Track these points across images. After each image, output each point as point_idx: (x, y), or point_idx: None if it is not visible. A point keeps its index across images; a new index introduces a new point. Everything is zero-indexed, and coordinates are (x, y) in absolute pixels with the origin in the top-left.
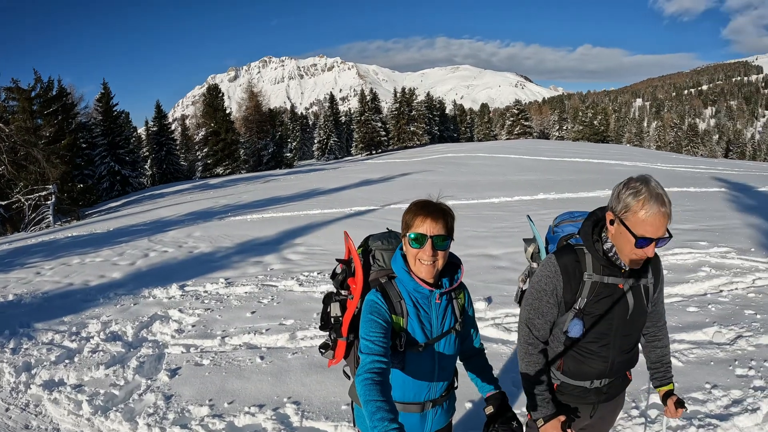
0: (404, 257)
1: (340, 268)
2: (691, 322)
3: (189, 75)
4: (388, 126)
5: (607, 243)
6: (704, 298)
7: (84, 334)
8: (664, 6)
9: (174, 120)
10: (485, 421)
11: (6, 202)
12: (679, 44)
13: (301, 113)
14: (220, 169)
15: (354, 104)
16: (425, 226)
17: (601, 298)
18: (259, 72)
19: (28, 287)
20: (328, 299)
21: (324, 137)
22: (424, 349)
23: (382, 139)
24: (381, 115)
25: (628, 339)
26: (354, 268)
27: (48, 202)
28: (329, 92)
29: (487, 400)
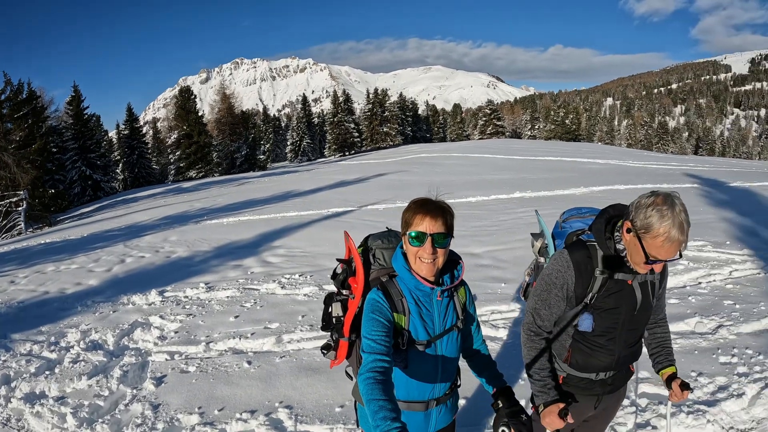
0: (405, 255)
1: (340, 268)
2: (674, 313)
3: (160, 77)
4: (361, 127)
5: (620, 244)
6: (684, 290)
7: (63, 344)
8: (634, 7)
9: (145, 123)
10: (494, 417)
11: None
12: (649, 44)
13: (273, 115)
14: (193, 173)
15: (326, 105)
16: (425, 224)
17: (611, 294)
18: (231, 74)
19: (2, 296)
20: (329, 299)
21: (297, 139)
22: (427, 347)
23: (355, 140)
24: (354, 116)
25: (634, 333)
26: (355, 267)
27: (19, 209)
28: (302, 94)
29: (494, 396)
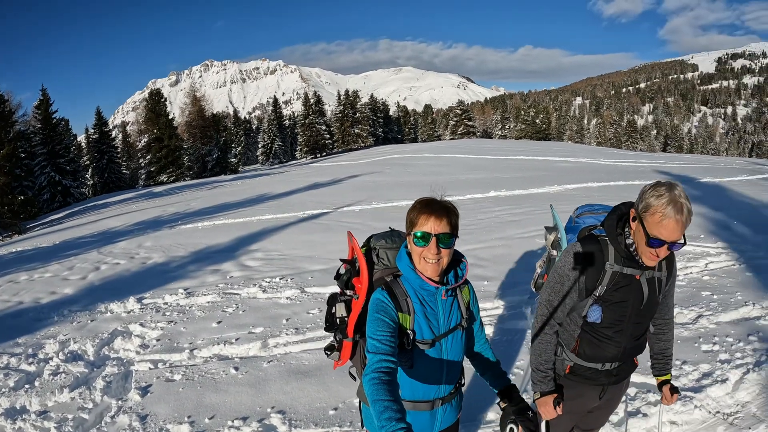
0: (409, 255)
1: (344, 269)
2: None
3: (129, 80)
4: (332, 129)
5: (630, 238)
6: None
7: (42, 356)
8: (603, 8)
9: (114, 127)
10: (501, 415)
11: None
12: (617, 44)
13: (244, 117)
14: (164, 177)
15: (297, 108)
16: (429, 224)
17: (620, 288)
18: (201, 76)
19: None
20: (332, 300)
21: (268, 141)
22: (431, 346)
23: (326, 142)
24: (325, 118)
25: (640, 326)
26: (359, 267)
27: None
28: (272, 96)
29: (499, 394)
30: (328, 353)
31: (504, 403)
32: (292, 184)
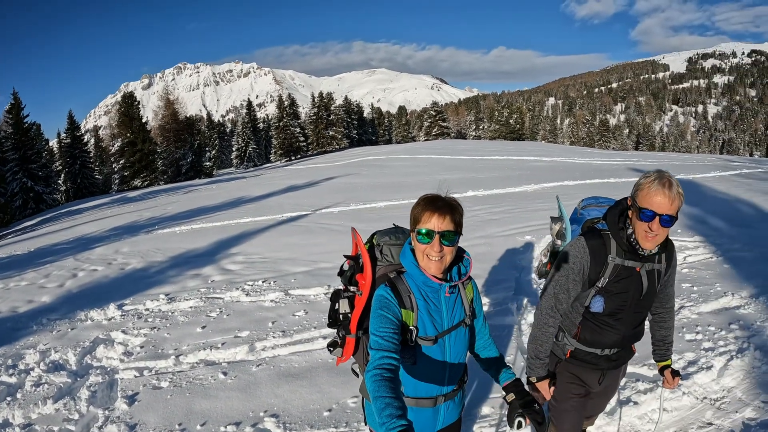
0: (413, 252)
1: (347, 265)
2: None
3: (101, 83)
4: (306, 131)
5: (630, 230)
6: None
7: (22, 367)
8: (575, 9)
9: (87, 131)
10: (508, 408)
11: None
12: (589, 45)
13: (218, 121)
14: (138, 182)
15: (271, 110)
16: (433, 222)
17: (621, 279)
18: (174, 79)
19: None
20: (336, 296)
21: (242, 145)
22: (435, 343)
23: (301, 144)
24: (299, 121)
25: (638, 316)
26: (362, 263)
27: None
28: (246, 99)
29: (505, 389)
30: (331, 349)
31: (510, 397)
32: (269, 187)
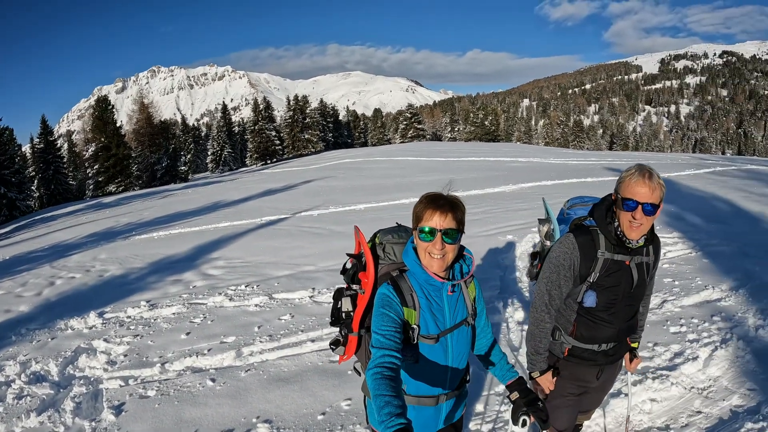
0: (415, 250)
1: (350, 263)
2: None
3: (74, 87)
4: (282, 134)
5: (616, 223)
6: None
7: (2, 379)
8: (549, 12)
9: (60, 136)
10: (512, 407)
11: None
12: (563, 47)
13: (192, 125)
14: (112, 187)
15: (246, 114)
16: (435, 220)
17: (611, 273)
18: (148, 82)
19: None
20: (338, 294)
21: (218, 149)
22: (437, 341)
23: (276, 148)
24: (275, 124)
25: (631, 308)
26: (365, 262)
27: None
28: (221, 102)
29: (509, 388)
30: (334, 348)
31: (515, 395)
32: (246, 191)
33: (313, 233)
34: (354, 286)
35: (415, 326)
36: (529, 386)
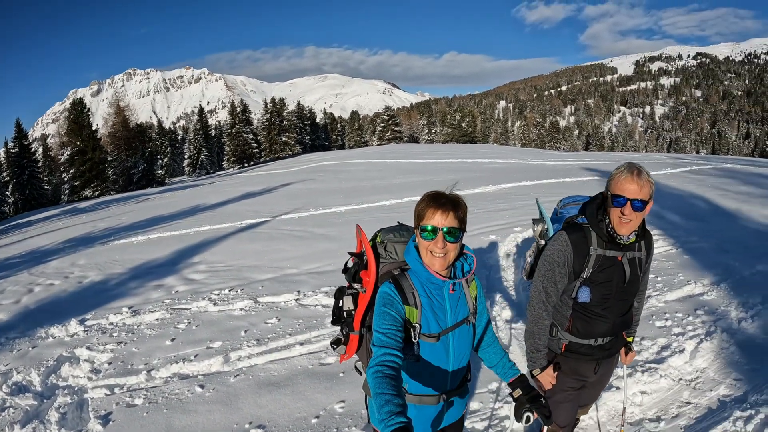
0: (417, 249)
1: (351, 262)
2: None
3: (48, 90)
4: (259, 137)
5: (607, 220)
6: None
7: None
8: (525, 15)
9: (35, 140)
10: (515, 404)
11: None
12: (539, 49)
13: (169, 128)
14: (88, 191)
15: (222, 117)
16: (437, 218)
17: (604, 269)
18: (123, 85)
19: None
20: (340, 293)
21: (194, 152)
22: (438, 340)
23: (254, 151)
24: (252, 127)
25: (625, 303)
26: (366, 260)
27: None
28: (197, 105)
29: (511, 385)
30: (335, 347)
31: (517, 393)
32: (224, 194)
33: (295, 236)
34: (355, 285)
35: (416, 325)
36: (531, 383)
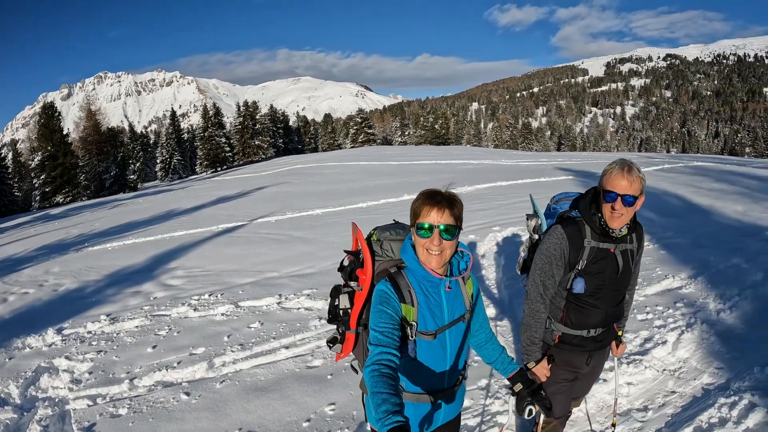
0: (414, 247)
1: (347, 260)
2: None
3: (18, 94)
4: (232, 141)
5: (600, 213)
6: None
7: None
8: (497, 17)
9: (4, 145)
10: (516, 398)
11: None
12: (511, 52)
13: (141, 132)
14: (60, 198)
15: (195, 120)
16: (433, 216)
17: (598, 260)
18: (95, 89)
19: None
20: (336, 292)
21: (167, 156)
22: (435, 337)
23: (227, 155)
24: (225, 131)
25: (617, 294)
26: (363, 258)
27: None
28: (169, 109)
29: (511, 380)
30: (331, 345)
31: (518, 387)
32: (199, 198)
33: (273, 239)
34: (352, 283)
35: (413, 323)
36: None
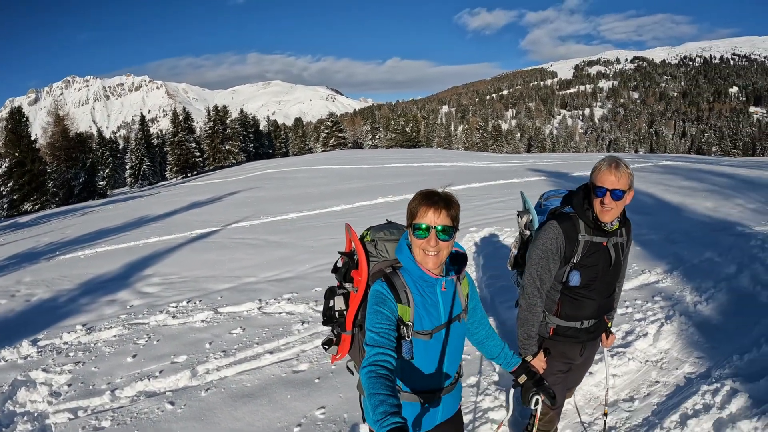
0: (410, 247)
1: (341, 261)
2: None
3: None
4: (202, 146)
5: (592, 208)
6: None
7: None
8: (468, 21)
9: None
10: (522, 389)
11: None
12: (481, 55)
13: (109, 137)
14: (28, 205)
15: (164, 125)
16: (429, 216)
17: (592, 253)
18: (62, 93)
19: None
20: (330, 293)
21: (136, 162)
22: (431, 337)
23: (197, 160)
24: (195, 135)
25: (609, 285)
26: (357, 259)
27: None
28: (138, 113)
29: (515, 373)
30: (326, 347)
31: (522, 379)
32: (170, 204)
33: (248, 244)
34: (346, 285)
35: (409, 323)
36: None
